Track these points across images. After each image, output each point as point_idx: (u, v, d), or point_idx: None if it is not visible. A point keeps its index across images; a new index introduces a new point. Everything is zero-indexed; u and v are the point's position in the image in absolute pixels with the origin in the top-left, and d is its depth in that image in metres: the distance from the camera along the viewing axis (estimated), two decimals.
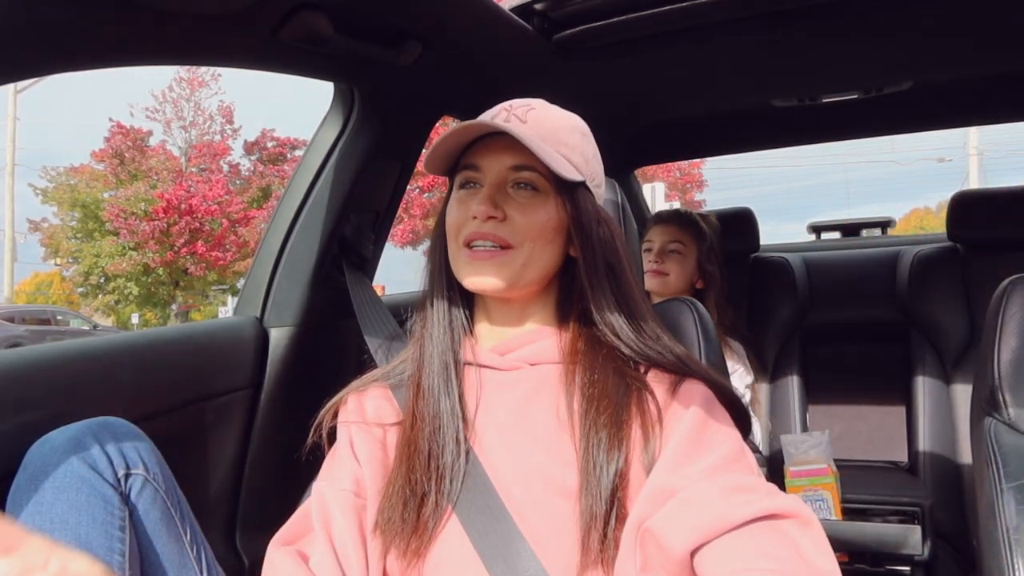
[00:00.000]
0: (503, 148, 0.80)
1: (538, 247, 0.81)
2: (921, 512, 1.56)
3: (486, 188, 0.81)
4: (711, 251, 1.85)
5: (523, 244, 0.80)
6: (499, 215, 0.80)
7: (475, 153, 0.83)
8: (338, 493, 0.81)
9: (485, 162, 0.82)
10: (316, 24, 0.92)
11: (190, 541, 0.84)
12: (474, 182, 0.83)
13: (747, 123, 2.06)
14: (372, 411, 0.87)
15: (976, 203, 1.94)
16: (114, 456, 0.78)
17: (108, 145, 17.44)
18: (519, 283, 0.81)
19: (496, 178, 0.81)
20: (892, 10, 1.21)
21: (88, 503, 0.74)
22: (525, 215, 0.80)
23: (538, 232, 0.81)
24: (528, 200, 0.81)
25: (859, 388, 2.06)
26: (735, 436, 0.77)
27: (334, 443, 0.88)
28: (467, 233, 0.81)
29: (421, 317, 0.88)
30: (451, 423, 0.81)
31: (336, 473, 0.84)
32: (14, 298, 19.37)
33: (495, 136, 0.81)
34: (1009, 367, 0.94)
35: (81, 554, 0.57)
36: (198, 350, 1.15)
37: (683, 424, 0.76)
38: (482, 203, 0.79)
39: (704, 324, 1.01)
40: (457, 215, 0.83)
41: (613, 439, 0.75)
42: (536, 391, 0.82)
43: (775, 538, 0.65)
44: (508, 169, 0.81)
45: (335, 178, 1.26)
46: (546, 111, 0.84)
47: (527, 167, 0.80)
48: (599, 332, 0.82)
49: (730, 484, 0.69)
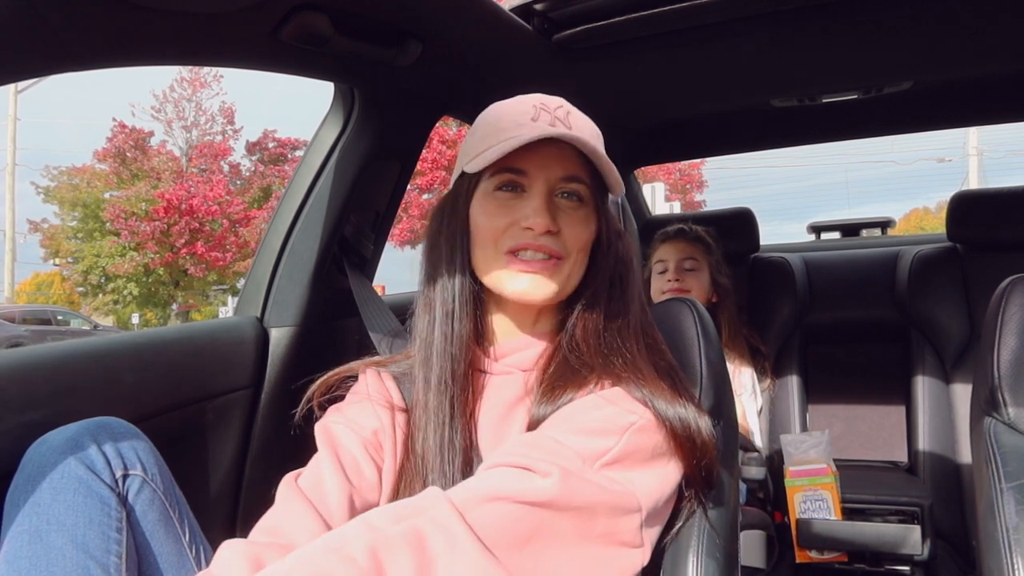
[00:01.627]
0: (556, 155, 0.79)
1: (580, 258, 0.81)
2: (921, 512, 1.56)
3: (539, 199, 0.78)
4: (720, 263, 1.87)
5: (571, 255, 0.80)
6: (555, 228, 0.78)
7: (522, 158, 0.78)
8: (350, 432, 0.83)
9: (534, 168, 0.79)
10: (316, 24, 0.92)
11: (189, 541, 0.84)
12: (518, 186, 0.80)
13: (747, 123, 2.06)
14: (389, 391, 0.88)
15: (976, 203, 1.94)
16: (112, 457, 0.78)
17: (110, 145, 17.46)
18: (563, 294, 0.81)
19: (546, 187, 0.79)
20: (892, 10, 1.21)
21: (85, 504, 0.74)
22: (574, 227, 0.80)
23: (584, 244, 0.81)
24: (575, 211, 0.80)
25: (859, 388, 2.05)
26: (597, 438, 0.72)
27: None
28: (518, 242, 0.78)
29: (429, 320, 0.85)
30: (458, 427, 0.81)
31: (351, 415, 0.85)
32: (14, 298, 19.37)
33: (545, 141, 0.77)
34: (1009, 367, 0.94)
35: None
36: (198, 350, 1.15)
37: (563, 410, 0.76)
38: (540, 215, 0.77)
39: (704, 324, 1.00)
40: (496, 219, 0.80)
41: None
42: (520, 395, 0.83)
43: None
44: (559, 179, 0.80)
45: (335, 178, 1.26)
46: (579, 116, 0.83)
47: (577, 179, 0.80)
48: (578, 339, 0.82)
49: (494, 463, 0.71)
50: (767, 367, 1.96)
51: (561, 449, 0.70)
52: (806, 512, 1.55)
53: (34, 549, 0.71)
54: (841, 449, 1.99)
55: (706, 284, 1.84)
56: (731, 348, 1.85)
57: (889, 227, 2.82)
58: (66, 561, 0.71)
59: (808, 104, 1.78)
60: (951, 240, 1.97)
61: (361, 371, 0.90)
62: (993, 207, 1.89)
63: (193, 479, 1.11)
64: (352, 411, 0.86)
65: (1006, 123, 2.13)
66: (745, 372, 1.86)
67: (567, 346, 0.82)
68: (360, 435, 0.83)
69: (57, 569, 0.71)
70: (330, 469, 0.79)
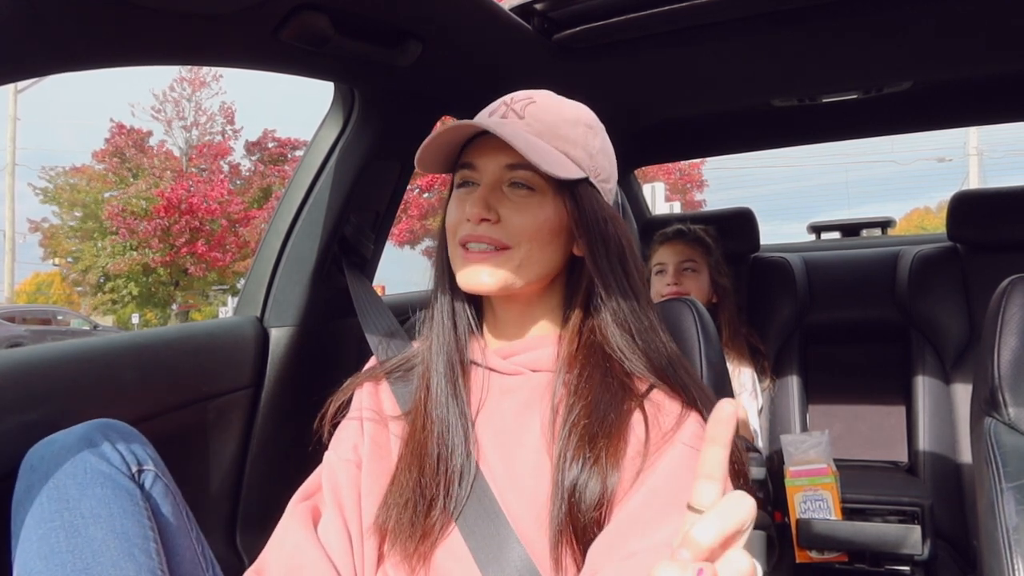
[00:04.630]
0: (499, 147, 0.78)
1: (535, 247, 0.79)
2: (921, 512, 1.55)
3: (480, 188, 0.80)
4: (719, 264, 1.87)
5: (520, 245, 0.79)
6: (492, 217, 0.79)
7: (472, 151, 0.82)
8: (343, 463, 0.84)
9: (481, 161, 0.81)
10: (316, 24, 0.92)
11: (196, 538, 0.85)
12: (471, 181, 0.82)
13: (747, 123, 2.06)
14: (383, 402, 0.88)
15: (976, 203, 1.94)
16: (125, 453, 0.79)
17: (109, 145, 17.46)
18: (515, 284, 0.80)
19: (491, 178, 0.80)
20: (892, 10, 1.21)
21: (116, 496, 0.75)
22: (520, 215, 0.79)
23: (534, 232, 0.79)
24: (523, 200, 0.80)
25: (859, 388, 2.05)
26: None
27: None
28: (462, 234, 0.80)
29: (429, 317, 0.87)
30: (459, 427, 0.80)
31: (342, 439, 0.87)
32: (15, 298, 19.37)
33: (491, 134, 0.79)
34: (1009, 367, 0.94)
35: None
36: (198, 350, 1.15)
37: (663, 471, 0.72)
38: (475, 205, 0.79)
39: (704, 324, 1.01)
40: (454, 215, 0.82)
41: (579, 452, 0.73)
42: (534, 398, 0.81)
43: None
44: (503, 168, 0.80)
45: (335, 178, 1.26)
46: (547, 103, 0.82)
47: (522, 166, 0.78)
48: (599, 339, 0.81)
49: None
50: (767, 367, 1.96)
51: None
52: (806, 512, 1.55)
53: (74, 542, 0.71)
54: (841, 449, 1.98)
55: (705, 285, 1.84)
56: (731, 348, 1.85)
57: (889, 227, 2.82)
58: (111, 551, 0.72)
59: (808, 104, 1.78)
60: (951, 240, 1.97)
61: (358, 387, 0.90)
62: (993, 207, 1.89)
63: (193, 479, 1.11)
64: (343, 435, 0.88)
65: (1006, 123, 2.13)
66: (745, 372, 1.86)
67: (593, 347, 0.81)
68: (354, 462, 0.85)
69: (104, 559, 0.71)
70: (335, 525, 0.81)
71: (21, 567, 0.72)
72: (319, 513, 0.84)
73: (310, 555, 0.78)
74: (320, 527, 0.82)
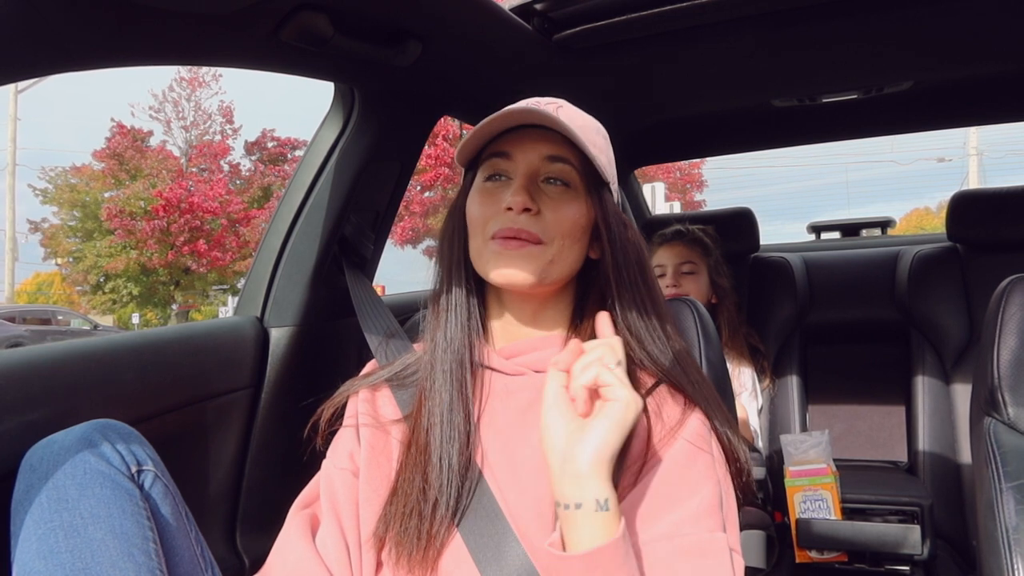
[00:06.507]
0: (538, 138, 0.79)
1: (567, 245, 0.79)
2: (921, 512, 1.55)
3: (520, 179, 0.79)
4: (719, 264, 1.87)
5: (553, 240, 0.78)
6: (535, 208, 0.78)
7: (506, 142, 0.80)
8: (339, 472, 0.83)
9: (518, 151, 0.80)
10: (316, 24, 0.92)
11: (195, 538, 0.85)
12: (502, 174, 0.81)
13: (747, 123, 2.06)
14: (382, 407, 0.87)
15: (976, 203, 1.94)
16: (124, 453, 0.79)
17: (109, 145, 17.47)
18: (545, 279, 0.79)
19: (529, 168, 0.79)
20: (892, 10, 1.21)
21: (115, 496, 0.75)
22: (557, 211, 0.78)
23: (569, 229, 0.79)
24: (560, 195, 0.79)
25: (859, 388, 2.06)
26: (710, 488, 0.73)
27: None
28: (498, 227, 0.78)
29: (434, 315, 0.85)
30: (463, 429, 0.80)
31: (338, 447, 0.86)
32: (15, 298, 19.37)
33: (527, 127, 0.79)
34: (1009, 367, 0.94)
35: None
36: (198, 350, 1.15)
37: (664, 467, 0.73)
38: (517, 193, 0.77)
39: (704, 324, 1.01)
40: (485, 208, 0.80)
41: None
42: (537, 398, 0.80)
43: None
44: (542, 160, 0.79)
45: (335, 178, 1.26)
46: (572, 110, 0.82)
47: (562, 159, 0.79)
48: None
49: (684, 547, 0.68)
50: (767, 367, 1.96)
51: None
52: (806, 512, 1.55)
53: (74, 543, 0.71)
54: (841, 449, 1.99)
55: (704, 287, 1.84)
56: (731, 348, 1.85)
57: (889, 227, 2.83)
58: (110, 551, 0.72)
59: (808, 104, 1.78)
60: (951, 240, 1.98)
61: (353, 394, 0.89)
62: (993, 207, 1.89)
63: (193, 479, 1.11)
64: (339, 444, 0.87)
65: (1006, 123, 2.13)
66: (745, 372, 1.86)
67: None
68: (351, 470, 0.84)
69: (103, 559, 0.71)
70: (333, 536, 0.81)
71: (20, 567, 0.72)
72: (319, 521, 0.83)
73: (312, 569, 0.78)
74: (318, 538, 0.81)
